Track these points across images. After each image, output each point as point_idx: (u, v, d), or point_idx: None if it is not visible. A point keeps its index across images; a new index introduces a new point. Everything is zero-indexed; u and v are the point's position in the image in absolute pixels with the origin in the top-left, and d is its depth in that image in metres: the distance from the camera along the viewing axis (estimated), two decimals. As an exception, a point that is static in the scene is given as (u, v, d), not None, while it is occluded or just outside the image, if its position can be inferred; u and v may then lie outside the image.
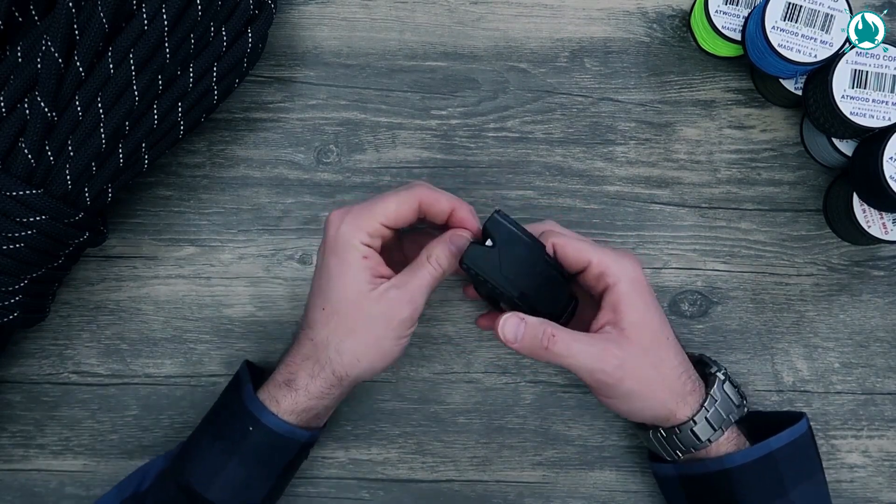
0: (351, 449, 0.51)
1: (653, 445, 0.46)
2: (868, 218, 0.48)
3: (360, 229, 0.41)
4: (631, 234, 0.52)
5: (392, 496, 0.51)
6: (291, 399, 0.43)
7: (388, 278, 0.42)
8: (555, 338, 0.41)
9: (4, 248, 0.41)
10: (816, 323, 0.52)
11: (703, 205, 0.52)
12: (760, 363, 0.51)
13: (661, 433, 0.45)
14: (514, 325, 0.42)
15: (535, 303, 0.42)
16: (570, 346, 0.41)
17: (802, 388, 0.51)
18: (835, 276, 0.52)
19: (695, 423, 0.43)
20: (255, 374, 0.46)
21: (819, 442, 0.51)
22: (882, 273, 0.52)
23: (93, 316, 0.51)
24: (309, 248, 0.51)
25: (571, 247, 0.43)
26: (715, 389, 0.44)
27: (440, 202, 0.43)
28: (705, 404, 0.43)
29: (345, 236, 0.42)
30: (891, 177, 0.45)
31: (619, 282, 0.42)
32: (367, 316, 0.41)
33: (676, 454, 0.45)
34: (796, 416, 0.46)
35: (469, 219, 0.44)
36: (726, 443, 0.44)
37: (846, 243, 0.52)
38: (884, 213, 0.48)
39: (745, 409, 0.45)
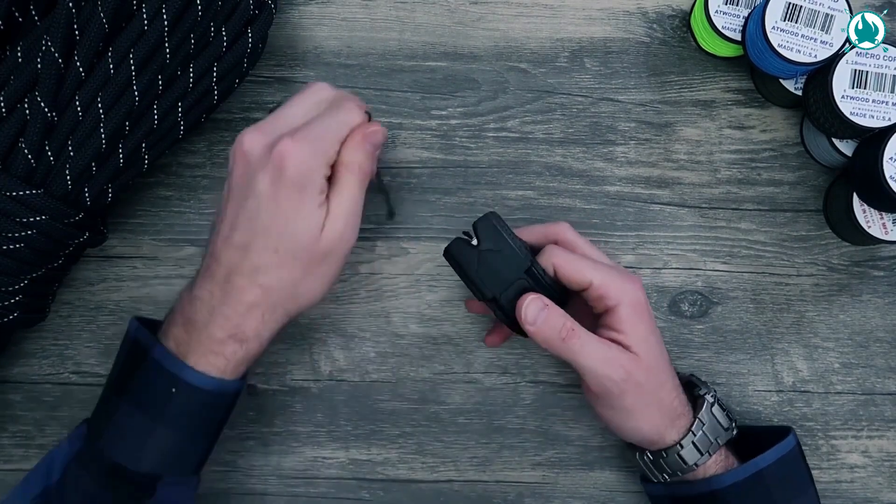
0: (351, 449, 0.51)
1: (641, 467, 0.47)
2: (868, 218, 0.48)
3: (324, 164, 0.40)
4: (631, 234, 0.52)
5: (392, 496, 0.51)
6: (243, 353, 0.40)
7: (326, 197, 0.40)
8: (574, 332, 0.41)
9: (4, 248, 0.41)
10: (816, 323, 0.52)
11: (703, 205, 0.52)
12: (760, 363, 0.51)
13: (648, 456, 0.45)
14: (536, 309, 0.41)
15: (510, 311, 0.42)
16: (585, 344, 0.41)
17: (802, 389, 0.51)
18: (835, 276, 0.52)
19: (681, 447, 0.43)
20: (151, 326, 0.43)
21: (819, 442, 0.51)
22: (882, 273, 0.52)
23: (93, 316, 0.51)
24: (309, 248, 0.51)
25: (571, 267, 0.42)
26: (703, 413, 0.44)
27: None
28: (692, 428, 0.43)
29: (309, 174, 0.39)
30: (891, 177, 0.45)
31: (621, 304, 0.42)
32: (321, 257, 0.40)
33: (663, 476, 0.45)
34: (784, 431, 0.46)
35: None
36: (714, 465, 0.44)
37: (846, 243, 0.52)
38: (884, 213, 0.48)
39: (734, 432, 0.45)
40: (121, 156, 0.43)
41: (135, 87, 0.42)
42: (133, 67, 0.41)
